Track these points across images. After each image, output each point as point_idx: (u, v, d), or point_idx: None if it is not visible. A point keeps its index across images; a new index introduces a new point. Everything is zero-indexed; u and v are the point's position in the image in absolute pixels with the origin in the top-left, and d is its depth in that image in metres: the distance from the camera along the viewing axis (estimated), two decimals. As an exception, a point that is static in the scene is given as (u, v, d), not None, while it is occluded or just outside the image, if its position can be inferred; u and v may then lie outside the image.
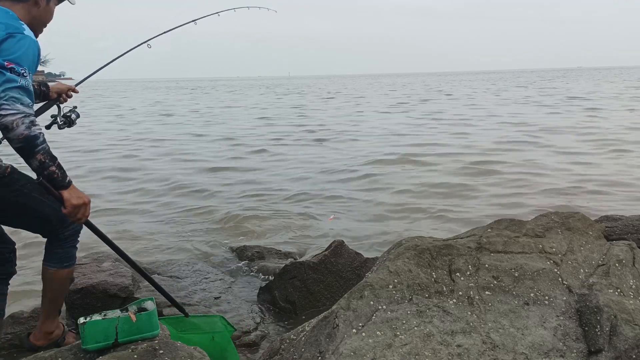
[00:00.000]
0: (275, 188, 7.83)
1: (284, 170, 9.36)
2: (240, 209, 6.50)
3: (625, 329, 2.09)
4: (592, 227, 2.84)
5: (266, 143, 12.94)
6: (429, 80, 74.47)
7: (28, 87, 1.96)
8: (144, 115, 23.47)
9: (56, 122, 2.70)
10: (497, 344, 2.10)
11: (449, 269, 2.47)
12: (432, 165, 9.38)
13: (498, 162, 9.34)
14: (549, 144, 11.36)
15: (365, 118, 19.48)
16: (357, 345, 2.05)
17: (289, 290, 3.82)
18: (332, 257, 3.98)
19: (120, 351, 2.25)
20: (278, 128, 16.70)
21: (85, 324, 2.28)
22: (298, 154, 11.12)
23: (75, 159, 10.80)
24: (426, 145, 11.84)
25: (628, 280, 2.41)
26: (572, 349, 2.11)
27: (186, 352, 2.30)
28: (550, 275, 2.43)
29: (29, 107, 1.94)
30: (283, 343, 2.46)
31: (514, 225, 2.78)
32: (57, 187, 2.08)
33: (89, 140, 14.30)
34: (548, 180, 7.80)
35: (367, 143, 12.51)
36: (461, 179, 8.12)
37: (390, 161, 9.89)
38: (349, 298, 2.32)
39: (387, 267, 2.44)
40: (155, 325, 2.40)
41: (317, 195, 7.30)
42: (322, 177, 8.60)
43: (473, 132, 14.12)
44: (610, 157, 9.76)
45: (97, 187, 8.16)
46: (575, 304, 2.30)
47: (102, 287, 3.61)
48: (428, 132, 14.35)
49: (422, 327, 2.15)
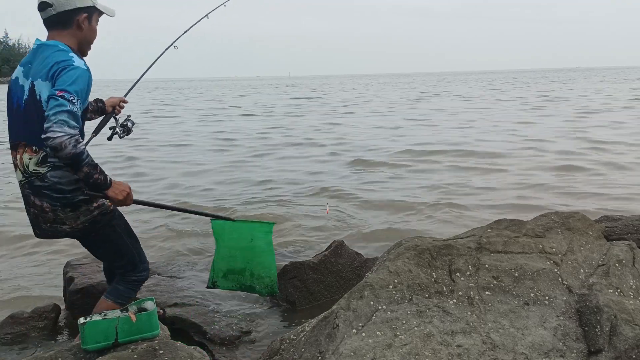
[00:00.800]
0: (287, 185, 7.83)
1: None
2: (245, 208, 6.50)
3: (625, 329, 2.09)
4: (592, 227, 2.84)
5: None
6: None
7: (76, 113, 2.13)
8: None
9: (116, 132, 2.93)
10: (497, 344, 2.10)
11: (449, 269, 2.47)
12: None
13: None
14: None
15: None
16: (357, 346, 2.05)
17: (289, 290, 3.82)
18: (332, 257, 3.98)
19: (120, 351, 2.25)
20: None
21: (85, 324, 2.28)
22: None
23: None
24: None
25: (628, 280, 2.41)
26: (572, 349, 2.11)
27: (186, 352, 2.31)
28: (550, 276, 2.43)
29: (75, 129, 2.11)
30: (283, 343, 2.46)
31: (514, 225, 2.78)
32: (102, 189, 2.28)
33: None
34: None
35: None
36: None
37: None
38: (349, 298, 2.32)
39: (387, 267, 2.44)
40: (155, 325, 2.40)
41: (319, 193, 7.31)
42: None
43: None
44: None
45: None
46: (575, 304, 2.30)
47: (102, 287, 3.60)
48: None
49: (422, 327, 2.15)
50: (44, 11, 2.32)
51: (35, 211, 2.33)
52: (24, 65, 2.33)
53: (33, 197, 2.31)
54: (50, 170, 2.26)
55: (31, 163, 2.27)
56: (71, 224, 2.34)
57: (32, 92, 2.24)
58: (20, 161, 2.29)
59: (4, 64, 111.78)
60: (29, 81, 2.26)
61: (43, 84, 2.21)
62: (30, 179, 2.28)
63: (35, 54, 2.31)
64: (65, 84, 2.14)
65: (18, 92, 2.30)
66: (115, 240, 2.51)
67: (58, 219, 2.32)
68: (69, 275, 3.76)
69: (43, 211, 2.30)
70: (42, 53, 2.28)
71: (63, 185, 2.28)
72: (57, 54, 2.25)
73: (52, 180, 2.26)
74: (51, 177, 2.26)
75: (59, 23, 2.33)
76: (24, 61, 2.35)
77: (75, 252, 4.94)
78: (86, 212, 2.35)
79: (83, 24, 2.37)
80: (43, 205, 2.29)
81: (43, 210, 2.30)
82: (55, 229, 2.35)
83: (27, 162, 2.27)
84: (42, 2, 2.30)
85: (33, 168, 2.27)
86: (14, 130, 2.34)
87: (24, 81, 2.29)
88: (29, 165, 2.27)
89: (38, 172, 2.26)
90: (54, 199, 2.28)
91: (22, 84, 2.29)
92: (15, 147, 2.32)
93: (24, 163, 2.28)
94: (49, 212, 2.30)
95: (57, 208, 2.29)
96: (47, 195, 2.28)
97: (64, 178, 2.28)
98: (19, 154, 2.29)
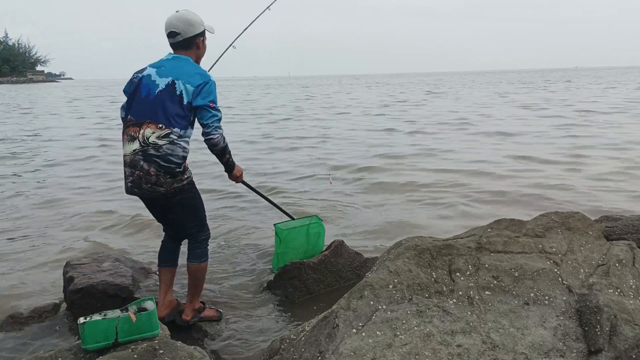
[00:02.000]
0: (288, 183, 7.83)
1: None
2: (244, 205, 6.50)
3: (625, 328, 2.09)
4: (592, 227, 2.84)
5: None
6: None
7: (220, 117, 2.99)
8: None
9: None
10: (497, 344, 2.10)
11: (449, 269, 2.47)
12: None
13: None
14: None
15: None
16: (357, 345, 2.05)
17: (289, 290, 3.82)
18: (332, 257, 3.98)
19: (120, 351, 2.25)
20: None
21: (85, 324, 2.28)
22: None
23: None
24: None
25: (628, 280, 2.41)
26: (572, 348, 2.11)
27: (186, 352, 2.30)
28: (550, 275, 2.43)
29: (221, 129, 3.00)
30: (283, 343, 2.46)
31: (514, 225, 2.78)
32: (231, 168, 3.24)
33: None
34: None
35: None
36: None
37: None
38: (349, 298, 2.32)
39: (387, 267, 2.44)
40: (155, 325, 2.40)
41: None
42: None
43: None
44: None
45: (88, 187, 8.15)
46: (575, 304, 2.30)
47: (102, 287, 3.61)
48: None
49: (422, 327, 2.15)
50: (173, 38, 3.07)
51: (141, 174, 2.93)
52: (157, 67, 3.03)
53: (143, 162, 2.91)
54: (167, 144, 2.89)
55: (152, 136, 2.89)
56: (167, 187, 2.97)
57: (172, 87, 2.93)
58: (142, 134, 2.90)
59: (4, 64, 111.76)
60: (167, 79, 2.95)
61: (187, 85, 2.93)
62: (146, 148, 2.90)
63: (168, 61, 3.05)
64: (211, 96, 2.95)
65: (150, 85, 2.97)
66: (193, 203, 3.16)
67: (158, 182, 2.94)
68: (69, 275, 3.76)
69: (148, 174, 2.92)
70: (178, 62, 3.03)
71: (172, 157, 2.92)
72: (195, 67, 3.06)
73: (165, 151, 2.90)
74: (166, 149, 2.90)
75: (184, 46, 3.09)
76: (156, 65, 3.06)
77: (75, 253, 4.95)
78: (179, 181, 3.00)
79: (201, 44, 3.16)
80: (150, 169, 2.91)
81: (149, 173, 2.92)
82: (153, 190, 2.97)
83: (148, 135, 2.89)
84: (171, 32, 3.05)
85: (153, 140, 2.89)
86: (140, 112, 2.95)
87: (158, 79, 2.97)
88: (149, 137, 2.89)
89: (156, 143, 2.89)
90: (160, 166, 2.91)
91: (154, 79, 2.98)
92: (139, 124, 2.92)
93: (145, 135, 2.89)
94: (153, 176, 2.92)
95: (161, 174, 2.92)
96: (156, 163, 2.90)
97: (174, 153, 2.92)
98: (143, 129, 2.90)
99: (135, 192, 3.04)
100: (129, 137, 2.97)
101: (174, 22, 3.05)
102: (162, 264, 3.39)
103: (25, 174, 9.40)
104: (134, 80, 3.08)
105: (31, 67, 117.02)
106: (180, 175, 3.00)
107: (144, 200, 3.18)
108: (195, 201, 3.19)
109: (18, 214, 6.56)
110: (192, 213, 3.19)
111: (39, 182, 8.58)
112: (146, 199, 3.13)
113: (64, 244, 5.33)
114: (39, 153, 11.97)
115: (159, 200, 3.10)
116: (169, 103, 2.92)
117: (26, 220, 6.27)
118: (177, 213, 3.18)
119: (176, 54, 3.08)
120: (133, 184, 3.00)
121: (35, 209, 6.79)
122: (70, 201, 7.19)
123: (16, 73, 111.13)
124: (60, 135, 15.66)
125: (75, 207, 6.87)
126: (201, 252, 3.29)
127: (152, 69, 3.05)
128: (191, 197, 3.14)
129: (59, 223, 6.11)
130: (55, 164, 10.37)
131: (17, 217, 6.40)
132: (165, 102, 2.92)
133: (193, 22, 3.07)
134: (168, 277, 3.37)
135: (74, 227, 5.92)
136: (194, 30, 3.07)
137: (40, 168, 9.97)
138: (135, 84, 3.06)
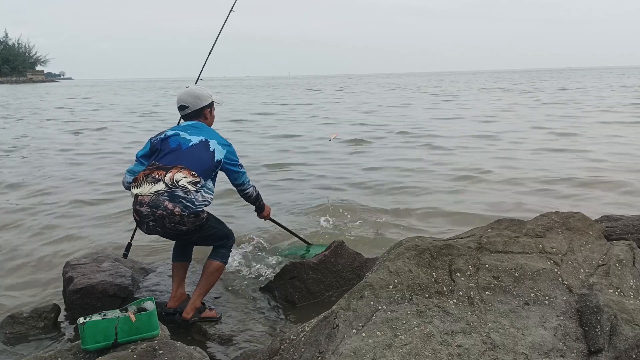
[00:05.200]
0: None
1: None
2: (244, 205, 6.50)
3: (625, 329, 2.08)
4: (593, 227, 2.84)
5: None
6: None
7: (246, 173, 3.50)
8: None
9: None
10: (497, 344, 2.10)
11: (449, 269, 2.47)
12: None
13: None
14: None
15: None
16: (357, 346, 2.05)
17: (289, 291, 3.82)
18: (332, 257, 3.97)
19: (120, 351, 2.25)
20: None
21: (85, 324, 2.28)
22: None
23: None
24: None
25: (628, 280, 2.41)
26: (572, 349, 2.11)
27: (186, 352, 2.30)
28: (551, 275, 2.43)
29: (251, 181, 3.58)
30: (283, 343, 2.45)
31: (514, 225, 2.78)
32: (261, 209, 3.82)
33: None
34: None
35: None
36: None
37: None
38: (349, 298, 2.32)
39: (387, 267, 2.44)
40: (155, 325, 2.39)
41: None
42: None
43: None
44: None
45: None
46: (575, 304, 2.29)
47: (101, 287, 3.61)
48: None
49: (422, 327, 2.14)
50: (183, 110, 3.45)
51: (164, 213, 3.04)
52: (183, 130, 3.33)
53: (168, 202, 3.04)
54: (194, 190, 3.10)
55: (183, 180, 3.09)
56: (188, 226, 3.13)
57: (205, 144, 3.25)
58: (171, 177, 3.08)
59: (4, 64, 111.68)
60: (200, 137, 3.27)
61: (218, 146, 3.28)
62: (173, 190, 3.06)
63: (190, 126, 3.37)
64: (237, 158, 3.40)
65: (180, 140, 3.25)
66: (213, 232, 3.35)
67: (182, 221, 3.09)
68: (69, 275, 3.76)
69: (172, 214, 3.05)
70: (202, 127, 3.39)
71: (196, 201, 3.11)
72: (215, 132, 3.42)
73: (193, 195, 3.10)
74: (194, 193, 3.10)
75: (193, 116, 3.45)
76: (180, 128, 3.37)
77: (75, 253, 4.95)
78: (200, 219, 3.17)
79: (209, 114, 3.52)
80: (175, 209, 3.04)
81: (173, 213, 3.05)
82: (176, 229, 3.12)
83: (179, 178, 3.09)
84: (181, 105, 3.43)
85: (183, 183, 3.08)
86: (170, 159, 3.17)
87: (188, 136, 3.27)
88: (180, 180, 3.08)
89: (185, 187, 3.08)
90: (186, 207, 3.07)
91: (184, 136, 3.27)
92: (166, 169, 3.12)
93: (174, 178, 3.08)
94: (177, 215, 3.06)
95: (185, 213, 3.07)
96: (182, 204, 3.06)
97: (199, 198, 3.12)
98: (172, 172, 3.10)
99: (158, 232, 3.17)
100: (151, 179, 3.10)
101: (183, 97, 3.43)
102: (176, 259, 3.53)
103: (24, 175, 9.39)
104: (159, 136, 3.33)
105: (31, 67, 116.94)
106: (201, 214, 3.18)
107: (165, 237, 3.34)
108: (215, 229, 3.37)
109: (17, 213, 6.56)
110: (214, 238, 3.40)
111: (39, 182, 8.58)
112: (169, 236, 3.30)
113: (64, 243, 5.33)
114: (32, 153, 11.97)
115: (181, 237, 3.30)
116: (203, 156, 3.21)
117: (26, 220, 6.27)
118: (200, 242, 3.46)
119: (194, 123, 3.41)
120: (155, 224, 3.10)
121: (34, 208, 6.79)
122: (69, 201, 7.18)
123: (16, 73, 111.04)
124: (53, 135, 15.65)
125: (74, 207, 6.87)
126: (225, 252, 3.47)
127: (177, 131, 3.33)
128: (211, 227, 3.32)
129: (58, 223, 6.11)
130: (55, 164, 10.38)
131: (17, 216, 6.40)
132: (200, 153, 3.21)
133: (200, 95, 3.43)
134: (181, 271, 3.51)
135: (74, 227, 5.92)
136: (201, 103, 3.44)
137: (38, 167, 9.98)
138: (161, 138, 3.31)
